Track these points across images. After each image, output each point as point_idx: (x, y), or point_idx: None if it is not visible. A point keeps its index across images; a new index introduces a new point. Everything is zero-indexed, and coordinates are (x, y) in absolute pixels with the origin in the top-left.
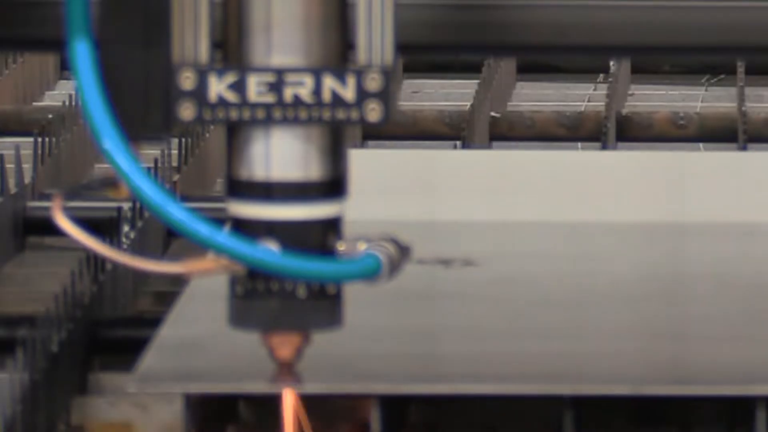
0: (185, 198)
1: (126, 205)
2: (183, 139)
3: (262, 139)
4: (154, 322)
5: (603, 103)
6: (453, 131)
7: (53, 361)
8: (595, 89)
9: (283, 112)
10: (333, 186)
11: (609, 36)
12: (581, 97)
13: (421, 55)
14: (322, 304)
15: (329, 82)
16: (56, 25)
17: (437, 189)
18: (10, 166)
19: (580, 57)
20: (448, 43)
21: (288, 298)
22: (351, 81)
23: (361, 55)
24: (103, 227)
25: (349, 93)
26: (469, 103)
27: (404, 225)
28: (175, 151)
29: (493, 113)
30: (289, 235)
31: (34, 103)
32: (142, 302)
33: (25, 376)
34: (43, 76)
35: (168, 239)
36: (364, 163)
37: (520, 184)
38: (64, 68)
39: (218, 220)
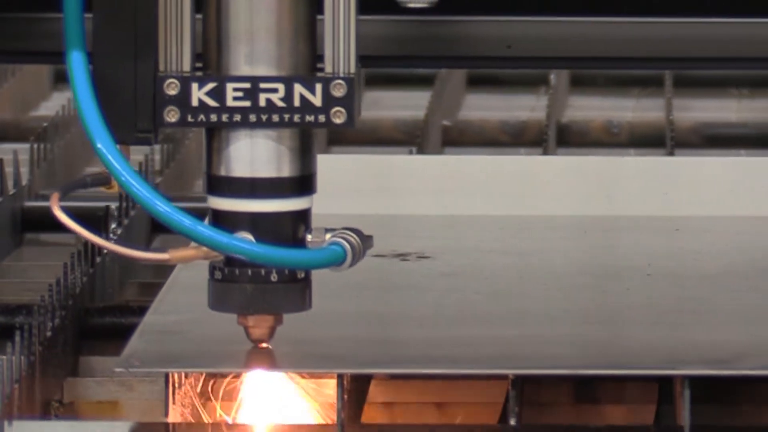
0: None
1: (113, 204)
2: (165, 146)
3: (239, 140)
4: (138, 310)
5: (544, 113)
6: (408, 138)
7: (47, 345)
8: (537, 100)
9: (257, 116)
10: (302, 182)
11: (550, 49)
12: (524, 107)
13: (380, 65)
14: (293, 289)
15: (299, 89)
16: (56, 39)
17: (395, 191)
18: (9, 169)
19: (523, 68)
20: (404, 55)
21: (261, 283)
22: (318, 88)
23: (328, 65)
24: (92, 224)
25: (317, 99)
26: (423, 113)
27: (365, 221)
28: (158, 156)
29: (444, 122)
30: (263, 226)
31: (31, 113)
32: (128, 292)
33: (22, 358)
34: (39, 88)
35: (151, 235)
36: (330, 167)
37: (470, 186)
38: (58, 80)
39: (197, 216)
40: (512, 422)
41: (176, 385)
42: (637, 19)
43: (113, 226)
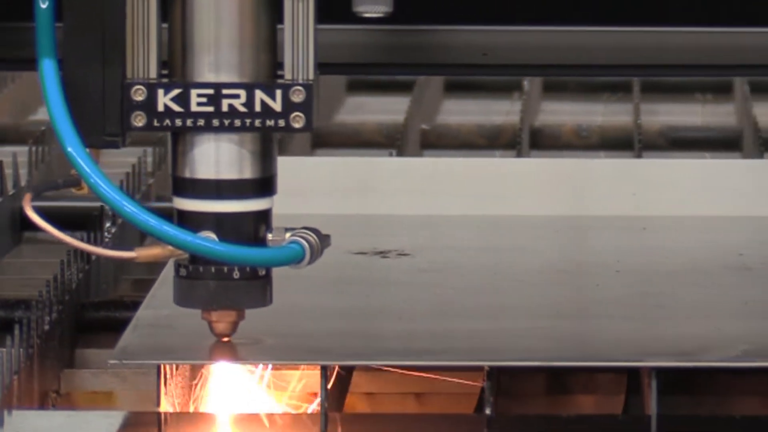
0: (159, 197)
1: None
2: (157, 149)
3: (203, 144)
4: (132, 305)
5: (518, 117)
6: (389, 141)
7: (45, 338)
8: (511, 105)
9: (220, 121)
10: (264, 184)
11: (524, 57)
12: (499, 112)
13: (337, 72)
14: (254, 285)
15: (260, 95)
16: (29, 47)
17: (376, 191)
18: (8, 171)
19: (498, 75)
20: (359, 62)
21: (224, 280)
22: (278, 94)
23: (287, 72)
24: (88, 223)
25: (277, 105)
26: (403, 117)
27: (348, 221)
28: (150, 159)
29: (423, 126)
30: (226, 226)
31: (30, 117)
32: (122, 288)
33: (21, 351)
34: (37, 94)
35: (143, 234)
36: (315, 168)
37: (447, 187)
38: None
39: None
40: (487, 411)
41: (168, 376)
42: (606, 28)
43: (108, 225)
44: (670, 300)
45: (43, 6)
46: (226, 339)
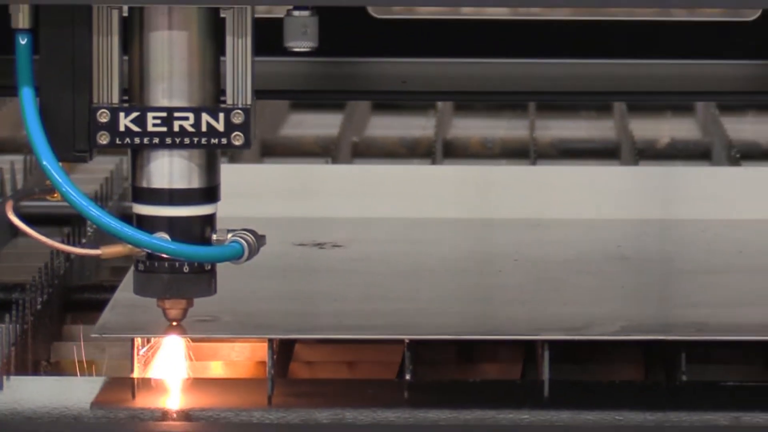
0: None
1: None
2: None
3: (157, 159)
4: (110, 288)
5: (433, 131)
6: (325, 151)
7: (37, 316)
8: (427, 121)
9: (172, 139)
10: (209, 193)
11: (438, 85)
12: (417, 126)
13: (272, 98)
14: (201, 278)
15: (206, 118)
16: (10, 76)
17: (315, 193)
18: (6, 176)
19: (414, 101)
20: (294, 89)
21: (176, 273)
22: (221, 117)
23: (229, 98)
24: (71, 223)
25: (220, 125)
26: (337, 131)
27: (291, 220)
28: (125, 166)
29: (354, 138)
30: (177, 227)
31: (24, 132)
32: (103, 274)
33: (17, 326)
34: None
35: None
36: (262, 174)
37: (374, 190)
38: None
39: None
40: (408, 377)
41: (140, 347)
42: (505, 60)
43: (90, 222)
44: (560, 284)
45: (23, 42)
46: (175, 323)
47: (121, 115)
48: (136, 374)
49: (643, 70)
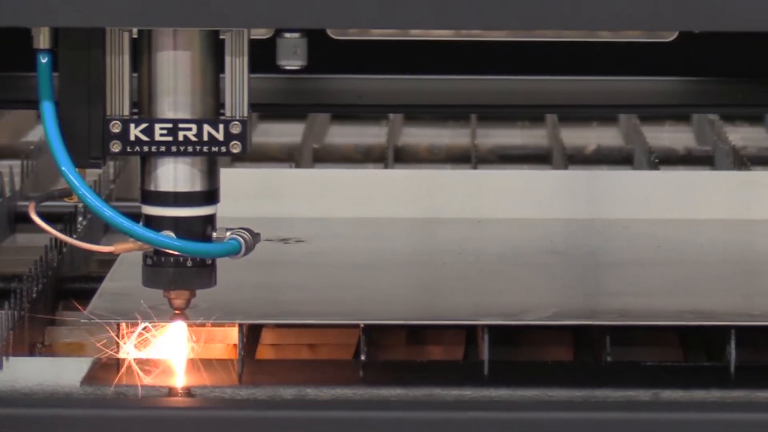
0: (119, 198)
1: (80, 205)
2: (117, 162)
3: (164, 165)
4: (99, 278)
5: (385, 139)
6: (289, 157)
7: (33, 303)
8: (380, 130)
9: (177, 148)
10: (210, 195)
11: (391, 99)
12: (371, 135)
13: (266, 111)
14: (203, 271)
15: (207, 128)
16: (32, 91)
17: (280, 194)
18: (5, 179)
19: (370, 114)
20: (285, 103)
21: (180, 267)
22: (221, 127)
23: (228, 110)
24: (65, 219)
25: (220, 135)
26: (299, 139)
27: (258, 219)
28: (111, 170)
29: (315, 145)
30: (181, 226)
31: (22, 139)
32: (92, 266)
33: (15, 313)
34: (28, 121)
35: (105, 228)
36: (233, 178)
37: (333, 192)
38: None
39: (136, 214)
40: (363, 358)
41: (125, 331)
42: (450, 76)
43: (80, 219)
44: (498, 275)
45: (43, 61)
46: (179, 311)
47: (132, 126)
48: (121, 355)
49: (572, 85)
